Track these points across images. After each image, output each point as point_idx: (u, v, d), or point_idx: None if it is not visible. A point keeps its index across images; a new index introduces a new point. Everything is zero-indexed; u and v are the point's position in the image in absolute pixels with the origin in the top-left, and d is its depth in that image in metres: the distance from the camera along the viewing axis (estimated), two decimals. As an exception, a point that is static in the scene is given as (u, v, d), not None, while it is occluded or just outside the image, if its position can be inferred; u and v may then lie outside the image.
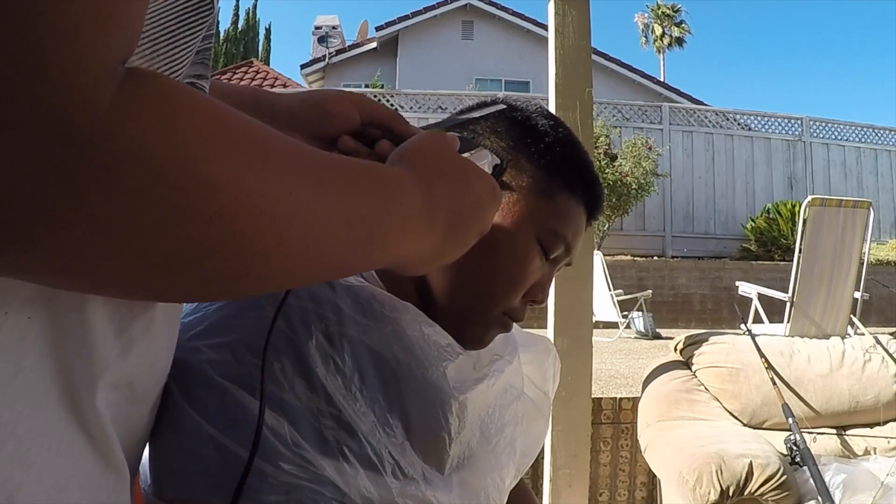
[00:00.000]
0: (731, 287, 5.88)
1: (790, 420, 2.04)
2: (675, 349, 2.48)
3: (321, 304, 0.55)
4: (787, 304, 3.24)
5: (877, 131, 11.49)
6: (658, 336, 6.40)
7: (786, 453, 1.98)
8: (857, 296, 3.50)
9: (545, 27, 2.12)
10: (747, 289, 4.54)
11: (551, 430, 1.83)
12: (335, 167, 0.38)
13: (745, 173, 10.78)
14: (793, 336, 2.71)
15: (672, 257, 9.78)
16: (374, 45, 15.12)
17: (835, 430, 2.30)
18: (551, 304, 1.89)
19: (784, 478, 1.85)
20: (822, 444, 2.23)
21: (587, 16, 1.95)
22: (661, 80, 16.73)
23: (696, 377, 2.37)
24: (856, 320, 3.33)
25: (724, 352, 2.36)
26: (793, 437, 1.97)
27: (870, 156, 11.22)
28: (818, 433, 2.26)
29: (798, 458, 1.90)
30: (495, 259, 0.63)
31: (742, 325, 3.18)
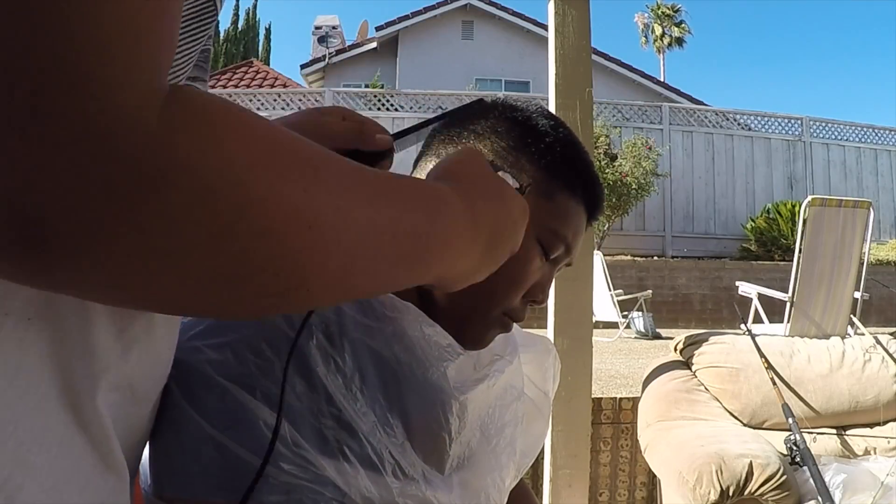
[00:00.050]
0: (731, 287, 5.88)
1: (790, 420, 2.04)
2: (675, 349, 2.49)
3: None
4: (787, 304, 3.24)
5: (877, 131, 11.49)
6: (658, 336, 6.40)
7: (786, 453, 1.98)
8: (857, 296, 3.50)
9: (545, 27, 2.12)
10: (747, 289, 4.54)
11: (551, 430, 1.83)
12: (381, 182, 0.38)
13: (745, 173, 10.78)
14: (793, 336, 2.71)
15: (672, 257, 9.78)
16: (374, 45, 15.11)
17: (835, 430, 2.30)
18: (551, 304, 1.89)
19: (784, 478, 1.85)
20: (822, 444, 2.23)
21: (587, 16, 1.95)
22: (661, 80, 16.73)
23: (696, 377, 2.37)
24: (856, 320, 3.33)
25: (724, 352, 2.36)
26: (793, 437, 1.96)
27: (870, 156, 11.22)
28: (818, 433, 2.26)
29: (798, 458, 1.90)
30: None
31: (742, 325, 3.18)
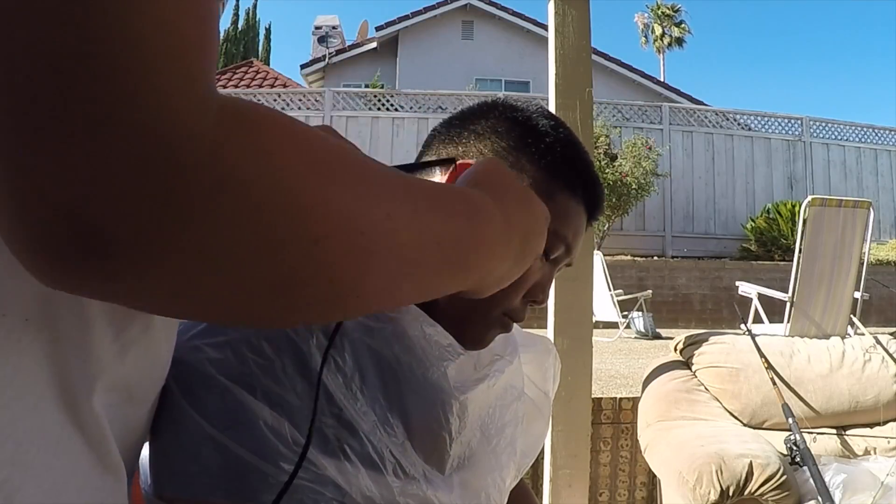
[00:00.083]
0: (731, 287, 5.89)
1: (790, 420, 2.04)
2: (675, 349, 2.49)
3: None
4: (787, 304, 3.24)
5: (877, 131, 11.49)
6: (658, 336, 6.40)
7: (786, 453, 1.98)
8: (857, 296, 3.50)
9: (545, 27, 2.12)
10: (747, 289, 4.54)
11: (551, 430, 1.83)
12: (423, 188, 0.39)
13: (745, 173, 10.78)
14: (793, 336, 2.71)
15: (672, 257, 9.78)
16: (374, 45, 15.11)
17: (835, 430, 2.30)
18: (551, 304, 1.89)
19: (784, 478, 1.85)
20: (822, 444, 2.23)
21: (587, 16, 1.95)
22: (661, 80, 16.73)
23: (696, 377, 2.37)
24: (856, 320, 3.33)
25: (724, 352, 2.36)
26: (793, 437, 1.97)
27: (870, 156, 11.23)
28: (818, 433, 2.26)
29: (798, 458, 1.90)
30: None
31: (742, 325, 3.18)
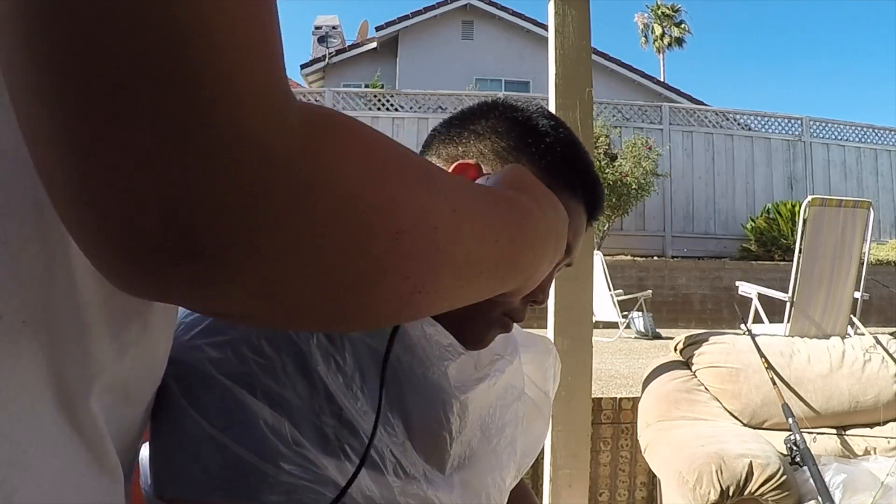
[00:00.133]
0: (731, 287, 5.89)
1: (790, 420, 2.04)
2: (675, 349, 2.49)
3: None
4: (787, 304, 3.24)
5: (877, 131, 11.49)
6: (658, 336, 6.40)
7: (786, 453, 1.98)
8: (857, 296, 3.50)
9: (545, 27, 2.12)
10: (747, 289, 4.54)
11: (551, 430, 1.83)
12: (477, 189, 0.40)
13: (745, 173, 10.78)
14: (793, 336, 2.71)
15: (672, 257, 9.79)
16: (374, 45, 15.11)
17: (835, 430, 2.30)
18: (551, 304, 1.89)
19: (784, 478, 1.85)
20: (822, 444, 2.23)
21: (587, 16, 1.95)
22: (661, 80, 16.73)
23: (696, 377, 2.37)
24: (856, 320, 3.33)
25: (724, 352, 2.36)
26: (793, 437, 1.96)
27: (870, 156, 11.23)
28: (818, 433, 2.26)
29: (798, 458, 1.90)
30: None
31: (742, 325, 3.18)
